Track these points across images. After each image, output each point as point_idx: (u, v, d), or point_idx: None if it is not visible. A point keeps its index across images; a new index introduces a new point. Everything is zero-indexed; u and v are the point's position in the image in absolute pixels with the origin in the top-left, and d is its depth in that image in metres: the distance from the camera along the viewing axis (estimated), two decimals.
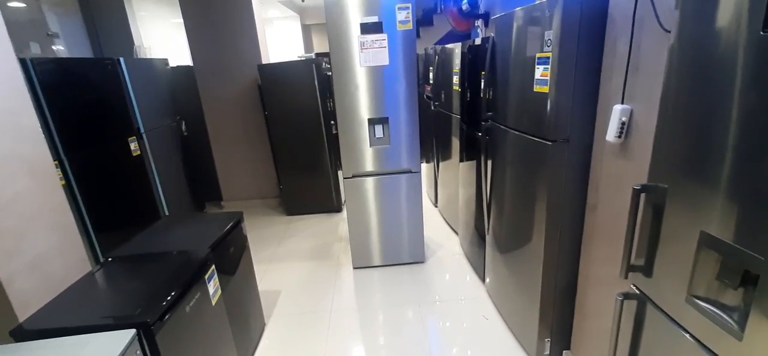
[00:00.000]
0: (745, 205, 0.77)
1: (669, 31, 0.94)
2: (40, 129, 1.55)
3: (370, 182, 2.68)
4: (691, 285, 0.90)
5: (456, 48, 2.78)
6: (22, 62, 2.05)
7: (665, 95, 0.96)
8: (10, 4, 3.13)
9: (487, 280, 2.45)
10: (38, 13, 3.37)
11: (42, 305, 1.34)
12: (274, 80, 3.59)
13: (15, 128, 1.44)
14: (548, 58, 1.47)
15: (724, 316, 0.83)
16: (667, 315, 0.98)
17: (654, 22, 1.12)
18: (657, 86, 0.99)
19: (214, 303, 1.62)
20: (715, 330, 0.84)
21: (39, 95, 2.14)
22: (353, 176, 2.67)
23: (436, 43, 3.84)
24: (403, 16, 2.32)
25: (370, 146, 2.60)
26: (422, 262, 2.91)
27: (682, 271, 0.92)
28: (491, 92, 2.06)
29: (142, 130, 2.91)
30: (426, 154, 4.20)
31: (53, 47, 3.49)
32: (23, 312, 1.35)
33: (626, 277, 1.10)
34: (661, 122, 0.98)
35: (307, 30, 9.07)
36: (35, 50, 3.30)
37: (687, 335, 0.92)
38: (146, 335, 1.19)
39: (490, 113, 2.09)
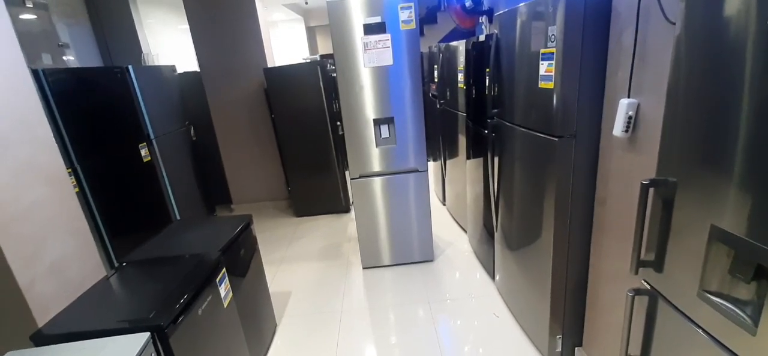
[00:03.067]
0: (756, 198, 0.76)
1: (674, 23, 0.93)
2: (54, 138, 1.59)
3: (377, 182, 2.69)
4: (703, 280, 0.89)
5: (460, 45, 2.77)
6: (35, 73, 2.10)
7: (672, 87, 0.95)
8: (22, 17, 3.20)
9: (497, 277, 2.44)
10: (49, 25, 3.44)
11: (60, 310, 1.38)
12: (280, 83, 3.62)
13: (31, 138, 1.48)
14: (553, 53, 1.46)
15: (738, 311, 0.82)
16: (679, 311, 0.97)
17: (659, 14, 1.11)
18: (664, 79, 0.98)
19: (225, 305, 1.65)
20: (729, 325, 0.83)
21: (51, 105, 2.20)
22: (360, 177, 2.68)
23: (440, 41, 3.83)
24: (406, 16, 2.32)
25: (377, 146, 2.61)
26: (431, 260, 2.91)
27: (693, 266, 0.91)
28: (496, 89, 2.05)
29: (151, 136, 2.96)
30: (433, 152, 4.19)
31: (64, 57, 3.56)
32: (42, 316, 1.39)
33: (637, 273, 1.09)
34: (668, 115, 0.97)
35: (311, 32, 9.11)
36: (47, 61, 3.37)
37: (700, 330, 0.91)
38: (161, 338, 1.21)
39: (495, 110, 2.08)
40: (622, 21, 1.30)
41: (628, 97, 1.28)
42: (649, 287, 1.08)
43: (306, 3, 6.80)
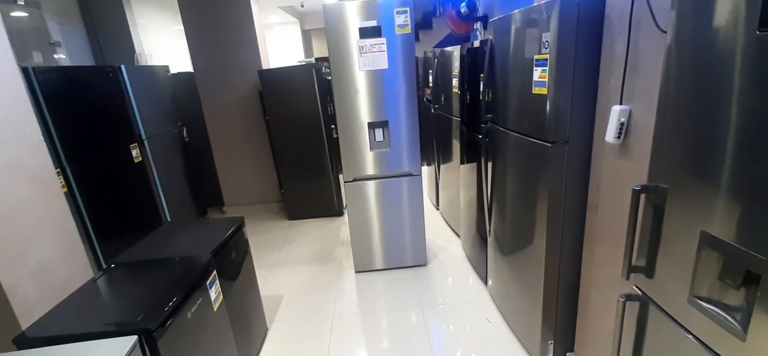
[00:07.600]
0: (745, 204, 0.77)
1: (665, 32, 0.95)
2: (42, 138, 1.56)
3: (371, 186, 2.68)
4: (693, 286, 0.90)
5: (455, 51, 2.78)
6: (25, 71, 2.06)
7: (663, 95, 0.96)
8: (13, 14, 3.16)
9: (490, 282, 2.44)
10: (40, 22, 3.40)
11: (45, 312, 1.34)
12: (275, 85, 3.60)
13: (18, 137, 1.45)
14: (546, 60, 1.47)
15: (727, 317, 0.82)
16: (670, 316, 0.98)
17: (651, 23, 1.13)
18: (655, 87, 0.99)
19: (215, 309, 1.62)
20: (718, 330, 0.84)
21: (41, 103, 2.16)
22: (354, 180, 2.67)
23: (435, 46, 3.86)
24: (402, 20, 2.33)
25: (371, 149, 2.60)
26: (424, 265, 2.91)
27: (683, 272, 0.92)
28: (490, 95, 2.06)
29: (143, 137, 2.92)
30: (427, 157, 4.20)
31: (55, 56, 3.51)
32: (26, 319, 1.36)
33: (628, 278, 1.10)
34: (659, 122, 0.98)
35: (307, 35, 9.11)
36: (38, 59, 3.32)
37: (690, 336, 0.92)
38: (148, 341, 1.19)
39: (489, 116, 2.09)
40: (615, 29, 1.32)
41: (621, 104, 1.30)
42: (640, 293, 1.08)
43: (302, 6, 6.80)
